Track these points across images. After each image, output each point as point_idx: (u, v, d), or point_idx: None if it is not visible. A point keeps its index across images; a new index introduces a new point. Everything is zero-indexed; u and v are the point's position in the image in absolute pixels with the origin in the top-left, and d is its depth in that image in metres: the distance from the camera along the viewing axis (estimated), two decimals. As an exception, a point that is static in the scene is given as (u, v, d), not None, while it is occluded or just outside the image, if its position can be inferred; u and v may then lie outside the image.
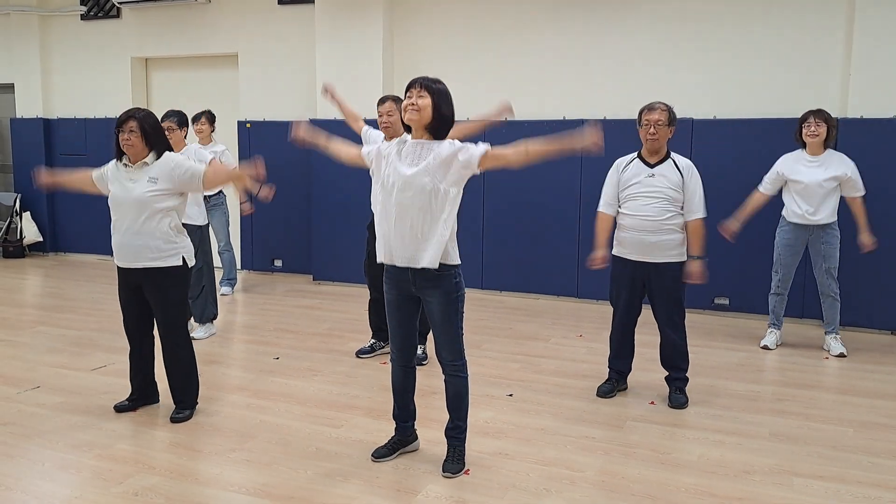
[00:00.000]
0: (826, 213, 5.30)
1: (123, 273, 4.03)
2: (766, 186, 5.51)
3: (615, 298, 4.49)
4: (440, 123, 3.26)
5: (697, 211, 4.25)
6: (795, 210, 5.37)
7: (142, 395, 4.23)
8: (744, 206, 5.57)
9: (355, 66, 7.62)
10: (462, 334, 3.41)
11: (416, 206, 3.22)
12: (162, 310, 4.02)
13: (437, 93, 3.22)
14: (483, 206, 7.33)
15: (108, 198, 3.99)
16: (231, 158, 7.07)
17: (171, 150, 4.04)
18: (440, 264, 3.25)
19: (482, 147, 3.25)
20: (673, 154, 4.31)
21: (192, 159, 5.38)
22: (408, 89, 3.25)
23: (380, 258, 3.41)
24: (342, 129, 7.62)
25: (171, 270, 3.96)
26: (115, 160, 4.01)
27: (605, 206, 4.44)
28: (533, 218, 7.19)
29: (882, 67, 5.97)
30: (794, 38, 6.35)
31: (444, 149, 3.24)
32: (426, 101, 3.20)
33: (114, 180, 3.96)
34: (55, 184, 4.26)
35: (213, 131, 7.08)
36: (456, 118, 3.35)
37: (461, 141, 3.29)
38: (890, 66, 5.95)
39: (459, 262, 3.34)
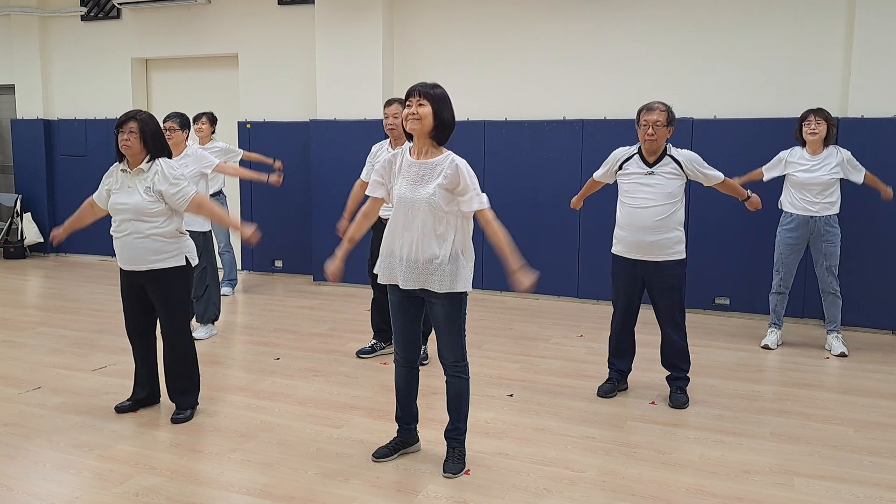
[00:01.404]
0: (823, 206, 5.32)
1: (126, 275, 4.04)
2: (767, 171, 5.62)
3: (615, 297, 4.49)
4: (442, 129, 3.28)
5: (715, 175, 4.36)
6: (794, 202, 5.40)
7: (144, 397, 4.23)
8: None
9: (355, 66, 7.63)
10: (464, 335, 3.41)
11: (421, 227, 3.25)
12: (165, 309, 4.02)
13: (436, 99, 3.24)
14: (483, 207, 7.32)
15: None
16: (236, 158, 7.07)
17: (169, 155, 4.03)
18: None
19: (483, 202, 3.29)
20: (671, 149, 4.30)
21: (191, 164, 5.40)
22: (407, 98, 3.28)
23: (381, 279, 3.41)
24: (342, 130, 7.67)
25: (174, 271, 3.97)
26: (114, 163, 4.02)
27: (598, 175, 4.56)
28: (533, 218, 7.19)
29: (882, 67, 5.97)
30: (794, 37, 6.35)
31: (450, 177, 3.24)
32: (426, 110, 3.22)
33: (114, 186, 3.96)
34: (70, 231, 4.20)
35: (213, 132, 7.09)
36: (457, 118, 3.36)
37: None
38: (890, 65, 5.95)
39: (466, 291, 3.34)
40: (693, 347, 4.58)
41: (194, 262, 4.07)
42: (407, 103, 3.27)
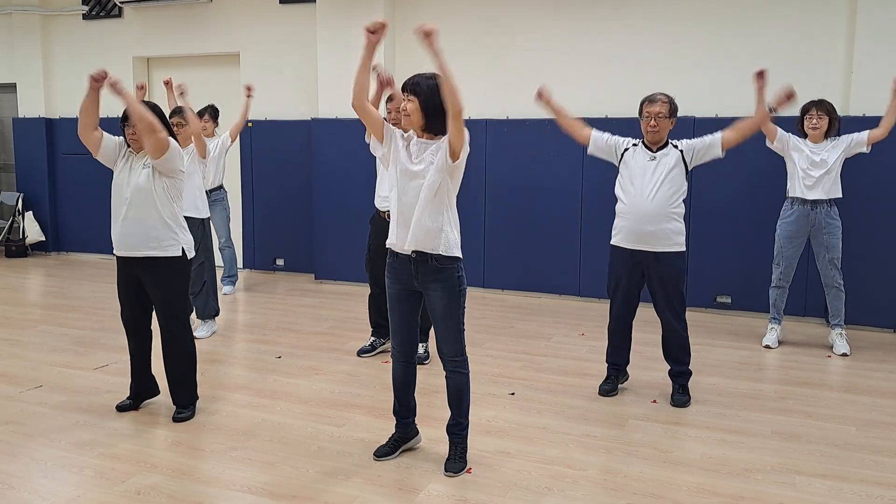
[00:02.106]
0: (823, 191, 5.28)
1: (123, 263, 4.02)
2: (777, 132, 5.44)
3: (613, 289, 4.45)
4: (432, 120, 3.28)
5: (714, 139, 4.27)
6: (797, 187, 5.36)
7: (141, 389, 4.23)
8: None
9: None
10: (463, 329, 3.41)
11: (420, 198, 3.27)
12: (162, 301, 4.01)
13: (424, 92, 3.25)
14: (484, 205, 7.32)
15: (111, 186, 4.00)
16: (218, 146, 6.77)
17: (174, 139, 4.03)
18: (441, 256, 3.29)
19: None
20: (671, 140, 4.30)
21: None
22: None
23: (389, 241, 3.42)
24: (342, 128, 7.66)
25: (171, 261, 3.96)
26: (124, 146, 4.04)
27: (594, 133, 4.45)
28: (534, 216, 7.19)
29: (884, 65, 5.95)
30: (795, 35, 6.34)
31: (442, 147, 3.27)
32: (413, 105, 3.26)
33: (119, 163, 3.98)
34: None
35: (216, 126, 7.10)
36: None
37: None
38: (891, 63, 5.93)
39: (460, 256, 3.35)
40: (695, 346, 4.57)
41: (191, 254, 4.06)
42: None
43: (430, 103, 3.25)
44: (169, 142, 3.87)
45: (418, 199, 3.27)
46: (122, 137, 4.07)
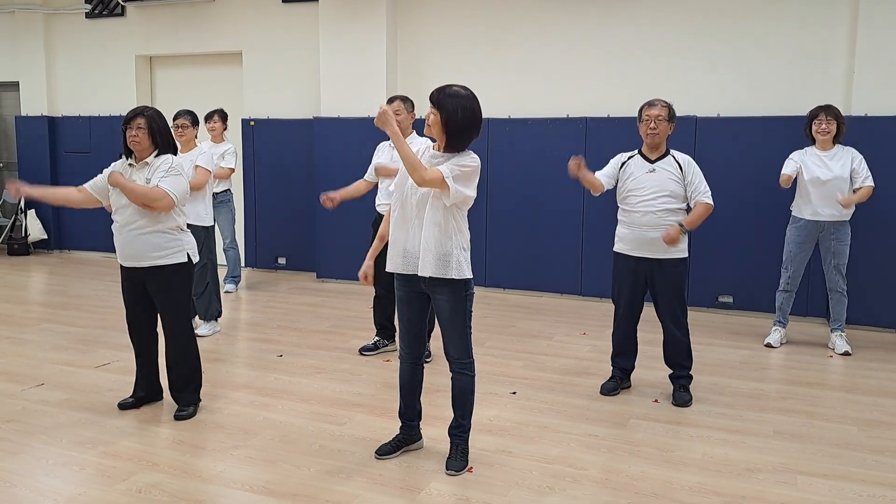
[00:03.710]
0: (835, 210, 5.27)
1: (127, 271, 4.04)
2: (786, 170, 5.38)
3: (617, 295, 4.48)
4: (453, 139, 3.26)
5: (703, 194, 4.19)
6: (805, 207, 5.36)
7: (148, 393, 4.24)
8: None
9: (359, 63, 7.62)
10: (470, 332, 3.41)
11: (427, 215, 3.26)
12: (167, 306, 4.02)
13: (447, 110, 3.21)
14: (486, 204, 7.32)
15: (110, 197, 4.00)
16: (232, 160, 6.91)
17: (175, 151, 4.03)
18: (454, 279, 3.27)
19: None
20: (672, 151, 4.31)
21: (198, 161, 5.48)
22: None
23: (389, 267, 3.40)
24: (345, 127, 7.66)
25: (175, 268, 3.97)
26: (120, 159, 4.02)
27: (600, 174, 4.40)
28: (536, 215, 7.18)
29: (886, 65, 5.95)
30: (798, 35, 6.33)
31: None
32: (435, 119, 3.24)
33: None
34: (40, 195, 4.04)
35: (225, 129, 7.09)
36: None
37: None
38: (894, 63, 5.92)
39: (469, 276, 3.33)
40: (696, 346, 4.57)
41: (195, 258, 4.08)
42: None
43: (451, 123, 3.23)
44: (172, 197, 3.86)
45: (424, 217, 3.26)
46: (111, 165, 4.02)
